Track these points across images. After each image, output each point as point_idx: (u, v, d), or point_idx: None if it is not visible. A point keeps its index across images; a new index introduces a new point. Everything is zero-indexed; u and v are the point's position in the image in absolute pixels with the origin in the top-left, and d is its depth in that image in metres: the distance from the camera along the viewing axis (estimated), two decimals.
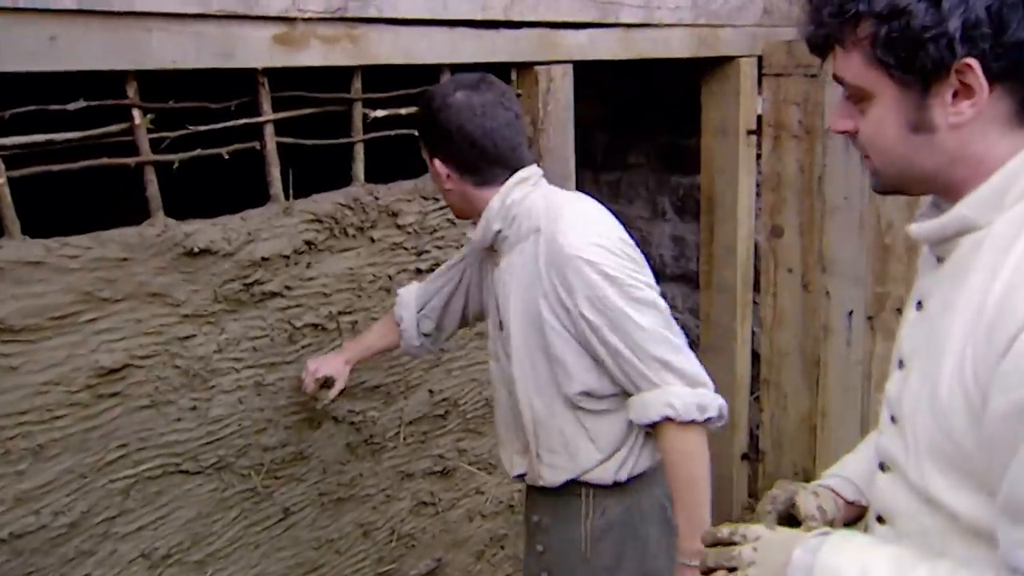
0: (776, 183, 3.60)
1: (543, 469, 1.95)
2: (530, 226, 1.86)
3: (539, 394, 1.90)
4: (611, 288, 1.76)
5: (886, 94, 1.09)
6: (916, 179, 1.12)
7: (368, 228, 2.47)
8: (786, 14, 3.73)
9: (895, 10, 1.04)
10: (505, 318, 1.93)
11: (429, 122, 1.86)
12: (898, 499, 1.17)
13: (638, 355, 1.78)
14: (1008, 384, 0.95)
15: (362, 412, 2.57)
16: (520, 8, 2.65)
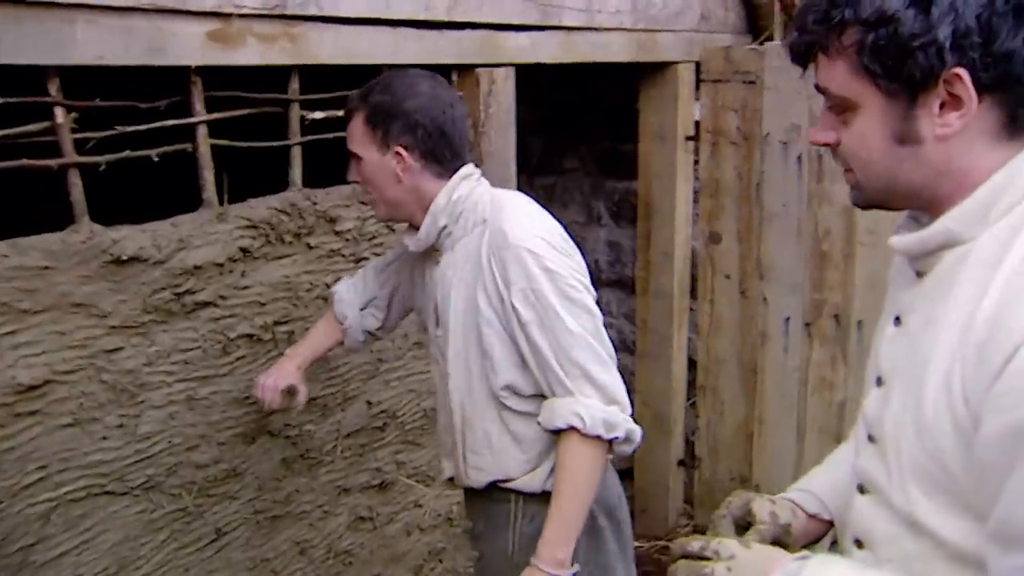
0: (714, 189, 3.60)
1: (469, 470, 1.94)
2: (476, 219, 1.86)
3: (469, 393, 1.89)
4: (548, 283, 1.75)
5: (871, 104, 1.05)
6: (900, 193, 1.08)
7: (305, 234, 2.37)
8: (722, 20, 3.74)
9: (883, 17, 1.00)
10: (444, 316, 1.91)
11: (393, 107, 1.82)
12: (878, 523, 1.13)
13: (559, 358, 1.76)
14: (1003, 405, 0.91)
15: (298, 426, 2.46)
16: (463, 8, 2.58)
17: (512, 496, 1.92)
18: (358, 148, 1.87)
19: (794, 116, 3.26)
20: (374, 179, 1.88)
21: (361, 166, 1.88)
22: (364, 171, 1.88)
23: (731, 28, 3.78)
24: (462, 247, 1.87)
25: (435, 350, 1.99)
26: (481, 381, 1.87)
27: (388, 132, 1.82)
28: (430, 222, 1.87)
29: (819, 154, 3.22)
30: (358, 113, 1.86)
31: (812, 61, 1.09)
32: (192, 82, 2.08)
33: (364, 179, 1.89)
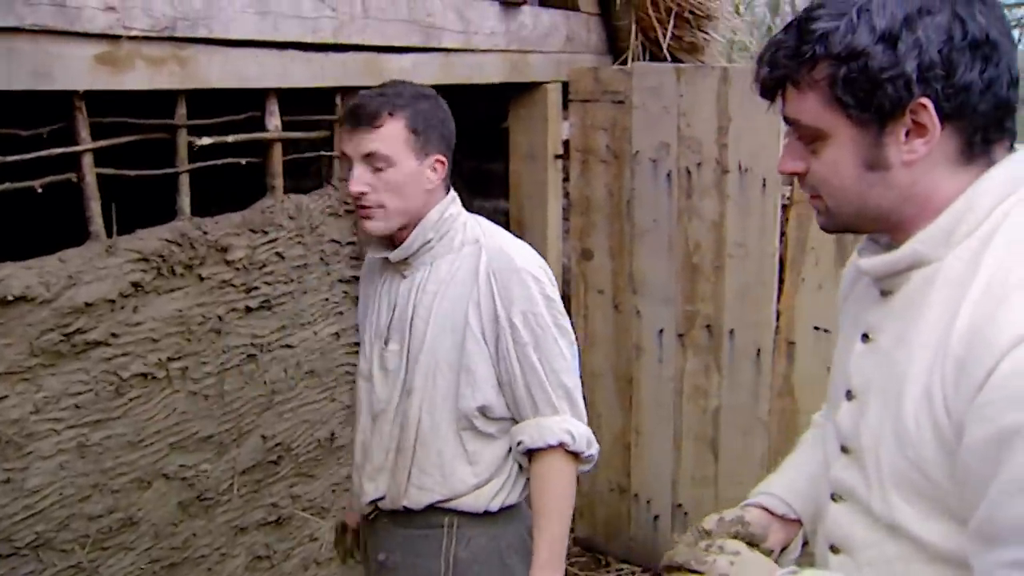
0: (585, 207, 3.68)
1: (410, 489, 1.89)
2: (465, 239, 1.88)
3: (430, 411, 1.86)
4: (547, 310, 1.83)
5: (843, 133, 1.10)
6: (870, 216, 1.15)
7: (197, 265, 2.26)
8: (585, 42, 3.83)
9: (853, 52, 1.06)
10: (406, 330, 1.88)
11: (441, 119, 1.85)
12: (855, 529, 1.18)
13: (550, 379, 1.83)
14: (985, 415, 0.98)
15: (194, 466, 2.34)
16: (348, 31, 2.54)
17: (447, 519, 1.89)
18: (393, 154, 1.78)
19: (663, 134, 3.38)
20: (403, 188, 1.80)
21: (388, 175, 1.79)
22: (392, 180, 1.79)
23: (593, 49, 3.89)
24: (446, 264, 1.86)
25: (372, 367, 1.94)
26: (446, 399, 1.85)
27: (429, 141, 1.81)
28: (418, 234, 1.85)
29: (688, 171, 3.35)
30: (394, 117, 1.78)
31: (780, 94, 1.14)
32: (77, 108, 1.96)
33: (388, 187, 1.80)
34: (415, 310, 1.87)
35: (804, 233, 3.21)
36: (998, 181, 1.08)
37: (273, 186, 2.49)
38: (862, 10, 1.05)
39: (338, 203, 2.68)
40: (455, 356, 1.84)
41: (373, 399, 1.94)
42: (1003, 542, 0.98)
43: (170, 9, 2.04)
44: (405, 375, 1.88)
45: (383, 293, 1.95)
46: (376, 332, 1.94)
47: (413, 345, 1.87)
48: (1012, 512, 0.97)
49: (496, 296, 1.81)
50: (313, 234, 2.60)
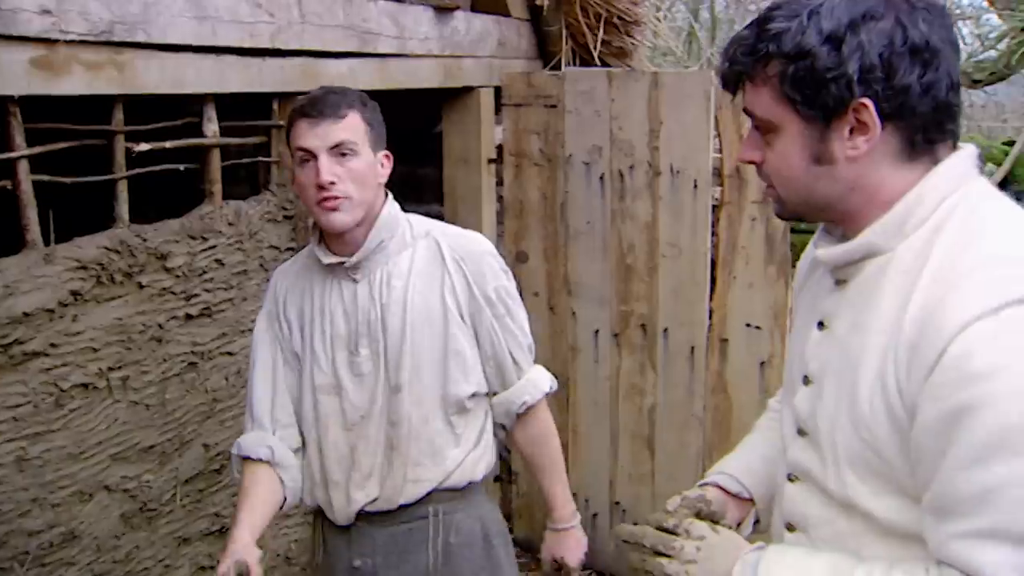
0: (519, 210, 3.71)
1: (407, 487, 1.90)
2: (415, 233, 1.94)
3: (418, 404, 1.89)
4: (509, 283, 1.99)
5: (791, 127, 1.16)
6: (817, 206, 1.21)
7: (136, 273, 2.23)
8: (516, 47, 3.87)
9: (801, 52, 1.12)
10: (378, 331, 1.87)
11: (380, 120, 1.90)
12: (811, 507, 1.24)
13: (522, 340, 2.00)
14: (938, 394, 1.04)
15: (136, 477, 2.31)
16: (286, 36, 2.53)
17: (431, 508, 1.93)
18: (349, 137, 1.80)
19: (595, 138, 3.44)
20: (363, 176, 1.83)
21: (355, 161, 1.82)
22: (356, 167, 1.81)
23: (524, 54, 3.93)
24: (404, 259, 1.90)
25: (339, 377, 1.89)
26: (432, 390, 1.89)
27: (379, 136, 1.89)
28: (375, 234, 1.86)
29: (620, 173, 3.41)
30: (351, 111, 1.82)
31: (740, 88, 1.20)
32: (11, 113, 1.92)
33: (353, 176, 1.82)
34: (384, 309, 1.87)
35: (734, 233, 3.29)
36: (946, 177, 1.15)
37: (211, 192, 2.47)
38: (812, 12, 1.11)
39: (276, 209, 2.67)
40: (439, 344, 1.89)
41: (346, 408, 1.89)
42: (955, 514, 1.04)
43: (107, 13, 2.01)
44: (386, 375, 1.87)
45: (329, 301, 1.90)
46: (334, 342, 1.89)
47: (391, 344, 1.86)
48: (963, 486, 1.03)
49: (469, 278, 1.91)
50: (252, 240, 2.59)
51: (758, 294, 3.26)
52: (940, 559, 1.07)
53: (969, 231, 1.12)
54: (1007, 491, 1.01)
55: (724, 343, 3.38)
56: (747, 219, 3.26)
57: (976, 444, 1.02)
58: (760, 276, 3.25)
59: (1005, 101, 10.51)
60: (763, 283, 3.26)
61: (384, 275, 1.88)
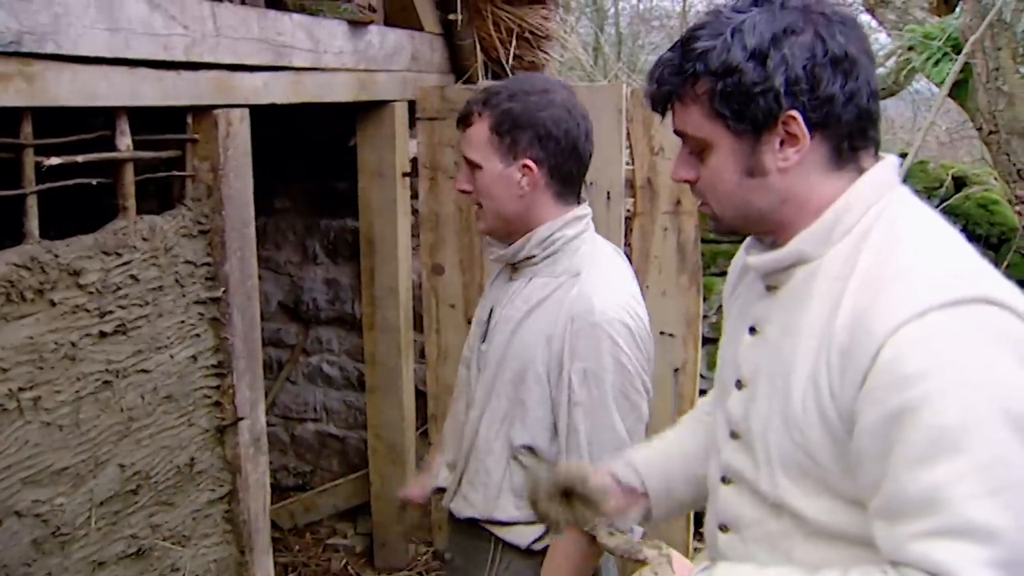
0: (434, 223, 3.73)
1: (458, 498, 1.89)
2: (568, 267, 1.78)
3: (488, 425, 1.82)
4: (613, 375, 1.71)
5: (723, 143, 1.21)
6: (753, 219, 1.26)
7: (48, 290, 2.17)
8: (429, 61, 3.90)
9: (728, 68, 1.17)
10: (494, 337, 1.83)
11: (529, 116, 1.71)
12: (743, 509, 1.29)
13: (591, 451, 1.73)
14: (876, 398, 1.09)
15: (48, 500, 2.23)
16: (200, 49, 2.50)
17: (491, 537, 1.86)
18: (477, 157, 1.73)
19: None
20: (492, 191, 1.75)
21: (478, 177, 1.75)
22: (482, 183, 1.75)
23: (437, 68, 3.95)
24: (541, 285, 1.79)
25: (472, 356, 1.92)
26: (502, 423, 1.80)
27: (517, 143, 1.72)
28: (522, 244, 1.78)
29: None
30: (480, 118, 1.73)
31: (669, 108, 1.24)
32: None
33: (480, 190, 1.76)
34: (498, 323, 1.82)
35: (647, 243, 3.37)
36: (871, 185, 1.21)
37: (125, 207, 2.42)
38: (736, 30, 1.16)
39: (192, 223, 2.63)
40: (516, 387, 1.78)
41: (462, 382, 1.93)
42: (907, 515, 1.08)
43: (15, 23, 1.96)
44: (479, 380, 1.86)
45: (492, 286, 1.94)
46: (478, 325, 1.91)
47: (489, 357, 1.83)
48: (911, 487, 1.07)
49: (567, 343, 1.72)
50: (168, 255, 2.54)
51: (671, 302, 3.34)
52: (897, 560, 1.10)
53: (894, 238, 1.18)
54: (954, 488, 1.05)
55: None
56: (659, 229, 3.34)
57: (918, 445, 1.06)
58: (673, 285, 3.34)
59: (894, 116, 10.95)
60: (676, 292, 3.35)
61: (519, 289, 1.82)
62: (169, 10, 2.37)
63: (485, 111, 1.75)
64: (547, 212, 1.80)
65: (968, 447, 1.05)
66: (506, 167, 1.75)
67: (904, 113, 11.63)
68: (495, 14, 3.87)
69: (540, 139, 1.74)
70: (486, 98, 1.76)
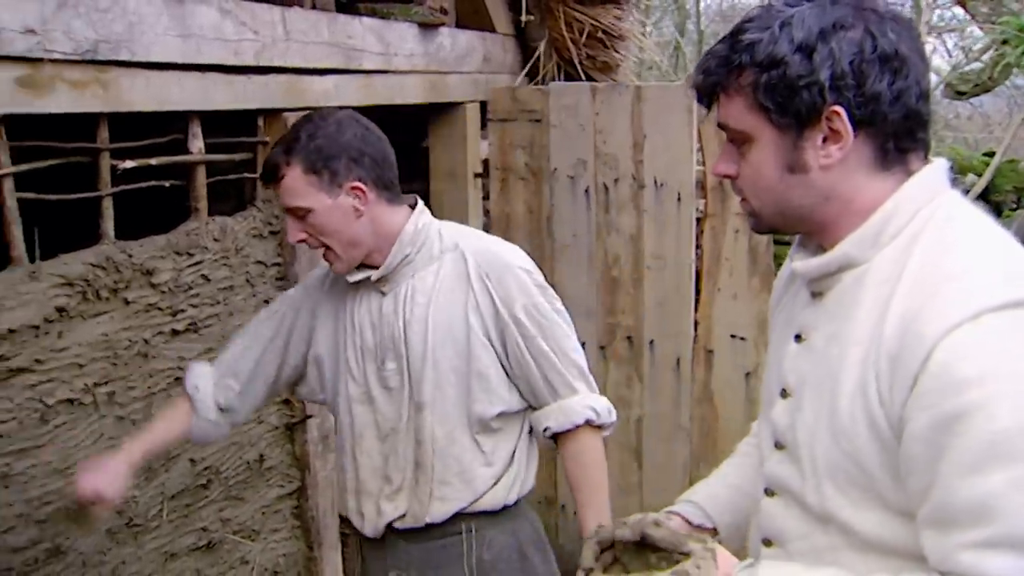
0: (506, 224, 3.73)
1: (434, 505, 1.88)
2: (442, 246, 1.88)
3: (442, 422, 1.85)
4: (543, 297, 1.88)
5: (765, 137, 1.18)
6: (793, 217, 1.22)
7: (122, 289, 2.24)
8: (502, 62, 3.91)
9: (774, 61, 1.13)
10: (402, 346, 1.85)
11: (335, 143, 1.77)
12: (788, 521, 1.25)
13: (562, 361, 1.88)
14: (927, 403, 1.04)
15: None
16: (270, 54, 2.55)
17: (463, 525, 1.89)
18: (304, 202, 1.77)
19: (580, 151, 3.47)
20: (331, 225, 1.79)
21: (312, 220, 1.79)
22: (318, 223, 1.79)
23: (510, 69, 3.96)
24: (430, 273, 1.86)
25: (369, 388, 1.91)
26: (457, 408, 1.85)
27: (336, 173, 1.76)
28: (398, 250, 1.83)
29: (605, 186, 3.44)
30: (289, 169, 1.77)
31: (715, 100, 1.22)
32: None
33: (319, 231, 1.80)
34: (407, 324, 1.85)
35: (718, 244, 3.33)
36: (920, 188, 1.16)
37: (197, 208, 2.49)
38: (784, 23, 1.13)
39: (263, 224, 2.69)
40: (461, 363, 1.84)
41: (379, 420, 1.91)
42: (958, 524, 1.04)
43: (92, 32, 2.03)
44: (410, 390, 1.86)
45: (358, 313, 1.91)
46: (364, 353, 1.91)
47: (413, 359, 1.85)
48: (963, 495, 1.03)
49: (494, 295, 1.83)
50: (238, 256, 2.60)
51: (742, 305, 3.29)
52: (946, 571, 1.06)
53: (945, 241, 1.14)
54: (1008, 498, 1.01)
55: (709, 354, 3.40)
56: (731, 231, 3.29)
57: (972, 451, 1.02)
58: (744, 287, 3.28)
59: (990, 112, 10.58)
60: (747, 294, 3.29)
61: (409, 290, 1.86)
62: (240, 16, 2.43)
63: (291, 159, 1.78)
64: (390, 219, 1.85)
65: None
66: (335, 199, 1.79)
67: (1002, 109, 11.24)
68: (567, 14, 3.85)
69: (354, 160, 1.79)
70: (285, 148, 1.80)
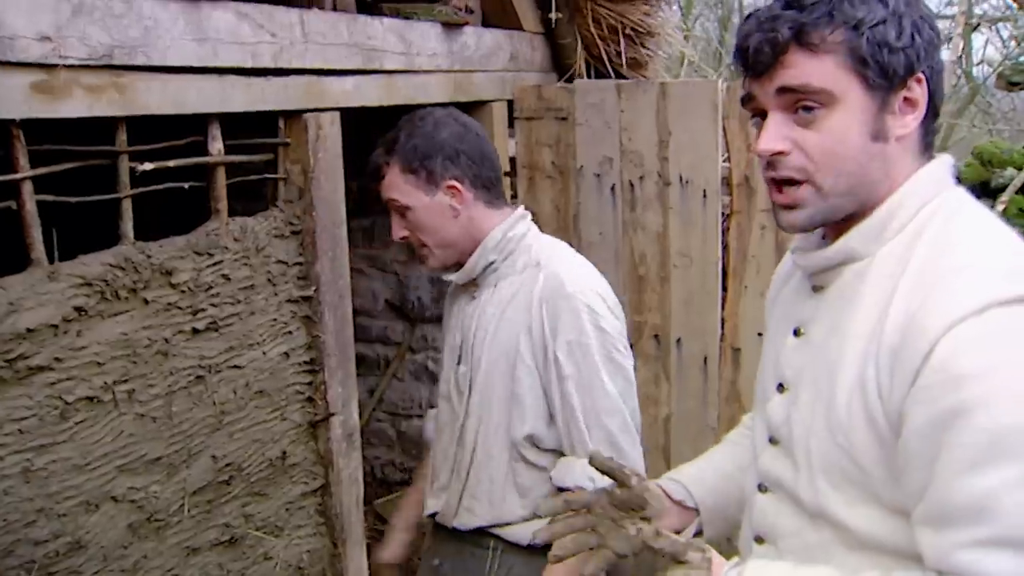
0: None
1: (461, 511, 1.92)
2: (528, 261, 1.86)
3: (484, 438, 1.88)
4: (597, 342, 1.77)
5: (853, 99, 1.14)
6: (862, 196, 1.17)
7: (141, 289, 2.29)
8: (530, 60, 3.90)
9: (874, 20, 1.11)
10: (470, 352, 1.89)
11: (431, 142, 1.80)
12: (780, 518, 1.24)
13: (588, 419, 1.77)
14: (927, 397, 1.03)
15: (143, 488, 2.36)
16: (288, 56, 2.58)
17: (491, 542, 1.91)
18: (404, 199, 1.81)
19: (606, 149, 3.46)
20: (429, 223, 1.82)
21: (410, 217, 1.82)
22: (416, 220, 1.82)
23: (538, 67, 3.96)
24: (508, 285, 1.86)
25: (450, 387, 1.96)
26: (500, 427, 1.85)
27: (432, 171, 1.79)
28: (479, 254, 1.85)
29: (631, 184, 3.42)
30: (390, 168, 1.81)
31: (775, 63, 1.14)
32: (15, 136, 1.99)
33: (417, 228, 1.83)
34: (476, 333, 1.87)
35: (745, 242, 3.29)
36: (925, 182, 1.15)
37: (218, 209, 2.53)
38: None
39: (283, 224, 2.72)
40: (508, 383, 1.82)
41: (452, 419, 1.96)
42: (956, 523, 1.03)
43: (107, 38, 2.08)
44: (468, 397, 1.89)
45: (457, 314, 1.98)
46: (451, 353, 1.96)
47: (473, 368, 1.88)
48: (961, 493, 1.02)
49: (545, 324, 1.78)
50: (259, 255, 2.64)
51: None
52: (943, 569, 1.05)
53: (949, 237, 1.12)
54: (1007, 497, 1.00)
55: (736, 352, 3.37)
56: (757, 228, 3.25)
57: (970, 448, 1.01)
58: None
59: None
60: None
61: (488, 298, 1.87)
62: (257, 19, 2.46)
63: (391, 158, 1.82)
64: (486, 221, 1.85)
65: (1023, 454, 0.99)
66: (433, 197, 1.80)
67: None
68: (595, 11, 3.84)
69: (451, 159, 1.79)
70: (385, 148, 1.84)
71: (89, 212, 2.18)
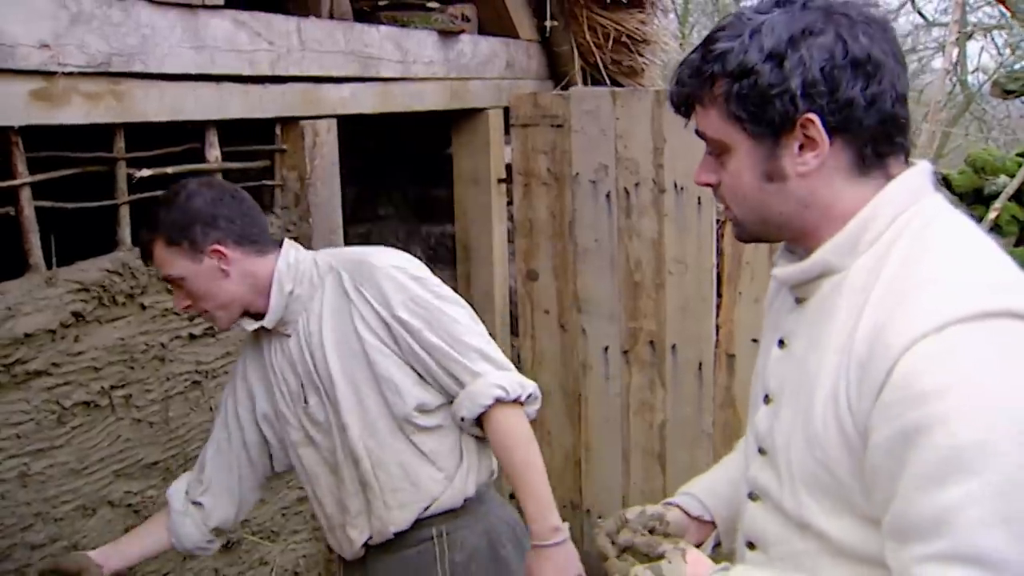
0: (529, 229, 3.75)
1: (393, 514, 1.93)
2: (321, 272, 1.94)
3: (372, 434, 1.91)
4: (420, 288, 1.88)
5: (741, 146, 1.18)
6: (774, 224, 1.22)
7: (139, 294, 2.30)
8: (526, 68, 3.93)
9: (745, 70, 1.13)
10: (315, 379, 1.92)
11: (186, 213, 1.82)
12: (769, 526, 1.25)
13: (457, 348, 1.87)
14: (890, 414, 1.04)
15: (140, 492, 2.37)
16: (285, 63, 2.60)
17: (434, 529, 1.94)
18: (175, 271, 1.84)
19: (601, 156, 3.47)
20: (203, 289, 1.85)
21: (187, 287, 1.85)
22: (192, 288, 1.85)
23: (534, 75, 3.98)
24: (317, 303, 1.92)
25: (304, 432, 1.98)
26: (382, 417, 1.90)
27: (194, 240, 1.82)
28: (277, 290, 1.89)
29: (626, 191, 3.44)
30: (155, 244, 1.84)
31: (692, 111, 1.22)
32: (13, 143, 2.00)
33: (195, 296, 1.87)
34: (313, 355, 1.92)
35: (739, 248, 3.31)
36: (898, 193, 1.16)
37: None
38: (754, 31, 1.13)
39: (280, 230, 2.73)
40: (368, 373, 1.89)
41: (325, 456, 1.98)
42: (915, 537, 1.03)
43: (105, 46, 2.09)
44: (335, 417, 1.92)
45: (276, 361, 1.99)
46: (293, 400, 1.98)
47: (327, 387, 1.91)
48: (920, 508, 1.02)
49: (372, 302, 1.87)
50: None
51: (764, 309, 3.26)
52: None
53: (921, 248, 1.13)
54: (964, 512, 1.00)
55: (731, 358, 3.39)
56: None
57: (930, 465, 1.02)
58: (765, 291, 3.24)
59: None
60: None
61: (305, 322, 1.93)
62: (254, 27, 2.48)
63: (154, 235, 1.84)
64: (263, 268, 1.90)
65: (982, 470, 0.99)
66: (200, 264, 1.83)
67: None
68: (591, 19, 3.87)
69: (208, 224, 1.83)
70: (148, 227, 1.85)
71: (87, 218, 2.20)
